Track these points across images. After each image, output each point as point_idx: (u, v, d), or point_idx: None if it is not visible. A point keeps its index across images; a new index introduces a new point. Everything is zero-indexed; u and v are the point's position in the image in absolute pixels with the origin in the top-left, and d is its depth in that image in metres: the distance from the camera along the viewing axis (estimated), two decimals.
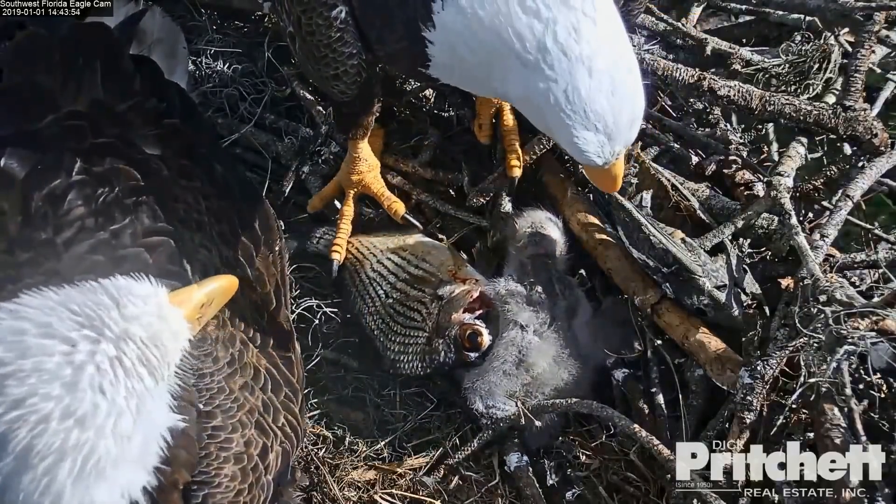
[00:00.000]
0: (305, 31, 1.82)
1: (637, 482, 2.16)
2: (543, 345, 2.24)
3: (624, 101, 1.54)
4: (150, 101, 1.93)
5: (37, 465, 1.23)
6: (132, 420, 1.30)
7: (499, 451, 2.27)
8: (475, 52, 1.62)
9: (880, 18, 2.31)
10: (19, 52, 1.86)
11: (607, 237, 2.32)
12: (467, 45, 1.61)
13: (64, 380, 1.24)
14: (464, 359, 2.27)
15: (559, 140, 1.63)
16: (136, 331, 1.30)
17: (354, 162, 2.41)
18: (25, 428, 1.22)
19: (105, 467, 1.27)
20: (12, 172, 1.67)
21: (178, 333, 1.38)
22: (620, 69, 1.54)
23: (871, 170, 2.16)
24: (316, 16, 1.78)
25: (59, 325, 1.26)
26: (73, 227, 1.64)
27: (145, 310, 1.33)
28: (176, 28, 2.47)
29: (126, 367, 1.29)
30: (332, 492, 2.19)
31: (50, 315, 1.27)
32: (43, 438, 1.22)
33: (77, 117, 1.79)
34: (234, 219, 1.95)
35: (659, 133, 2.50)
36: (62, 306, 1.28)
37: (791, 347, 1.89)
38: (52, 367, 1.24)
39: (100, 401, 1.26)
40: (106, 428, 1.26)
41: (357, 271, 2.44)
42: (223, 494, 1.63)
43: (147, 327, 1.32)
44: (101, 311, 1.29)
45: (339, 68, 1.82)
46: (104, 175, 1.73)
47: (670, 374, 2.19)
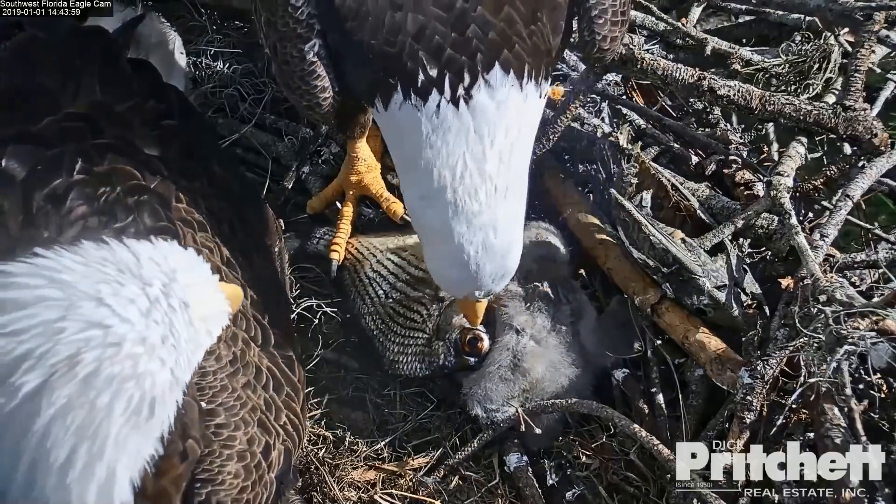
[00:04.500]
0: (280, 59, 1.82)
1: (637, 482, 2.16)
2: (541, 349, 2.24)
3: (494, 256, 1.76)
4: (149, 103, 1.93)
5: (96, 395, 1.25)
6: (187, 366, 1.36)
7: (499, 451, 2.27)
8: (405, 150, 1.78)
9: (880, 18, 2.31)
10: (18, 54, 1.86)
11: (607, 237, 2.32)
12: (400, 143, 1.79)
13: (141, 307, 1.29)
14: (463, 363, 2.27)
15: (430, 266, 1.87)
16: (195, 295, 1.38)
17: (353, 162, 2.41)
18: (96, 351, 1.24)
19: (154, 407, 1.31)
20: (13, 172, 1.67)
21: (222, 315, 1.48)
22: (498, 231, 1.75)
23: (871, 170, 2.16)
24: (290, 46, 1.78)
25: (135, 268, 1.33)
26: (75, 226, 1.63)
27: (205, 279, 1.43)
28: (173, 33, 2.47)
29: (189, 316, 1.35)
30: (332, 492, 2.19)
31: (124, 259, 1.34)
32: (113, 363, 1.25)
33: (76, 118, 1.79)
34: (234, 219, 1.95)
35: (659, 133, 2.51)
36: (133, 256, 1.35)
37: (791, 347, 1.89)
38: (129, 294, 1.29)
39: (167, 335, 1.32)
40: (168, 362, 1.31)
41: (357, 271, 2.44)
42: (227, 492, 1.63)
43: (203, 297, 1.40)
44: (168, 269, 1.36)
45: (312, 101, 1.82)
46: (105, 174, 1.72)
47: (670, 374, 2.19)
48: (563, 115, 2.33)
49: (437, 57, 1.67)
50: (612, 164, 2.38)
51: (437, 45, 1.67)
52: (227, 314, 1.50)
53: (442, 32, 1.67)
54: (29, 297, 1.27)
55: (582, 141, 2.49)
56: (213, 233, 1.85)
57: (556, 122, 2.33)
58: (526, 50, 1.71)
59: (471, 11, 1.67)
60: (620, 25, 1.85)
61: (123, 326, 1.27)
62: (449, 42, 1.67)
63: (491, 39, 1.68)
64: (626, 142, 2.33)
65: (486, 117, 1.69)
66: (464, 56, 1.67)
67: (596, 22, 1.81)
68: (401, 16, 1.67)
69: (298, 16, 1.74)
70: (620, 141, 2.34)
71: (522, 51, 1.70)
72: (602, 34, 1.82)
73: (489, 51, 1.68)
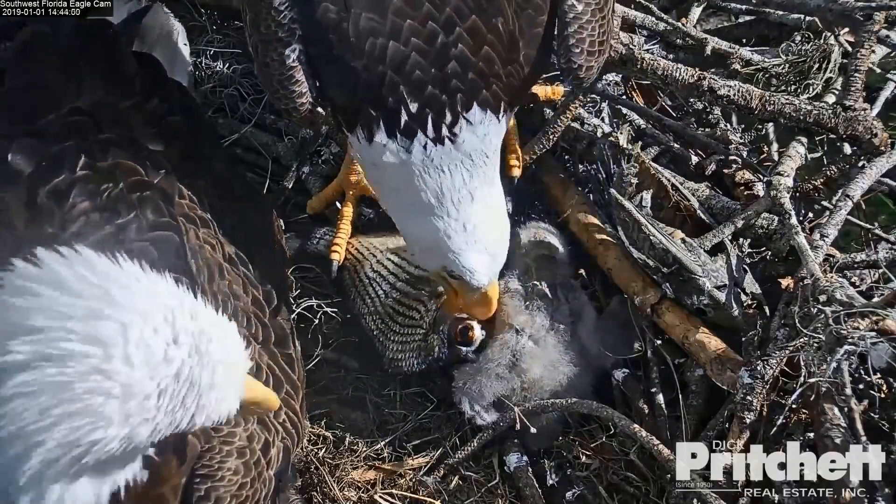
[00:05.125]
0: (261, 61, 1.84)
1: (637, 482, 2.16)
2: (539, 350, 2.24)
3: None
4: (152, 101, 1.93)
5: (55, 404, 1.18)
6: (155, 435, 1.27)
7: (499, 451, 2.27)
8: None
9: (880, 18, 2.31)
10: (22, 51, 1.87)
11: (607, 237, 2.32)
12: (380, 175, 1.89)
13: (153, 359, 1.22)
14: (457, 353, 2.27)
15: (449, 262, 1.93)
16: (218, 377, 1.30)
17: (354, 162, 2.41)
18: (82, 367, 1.17)
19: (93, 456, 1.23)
20: (18, 168, 1.68)
21: (234, 400, 1.38)
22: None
23: (871, 170, 2.16)
24: (271, 49, 1.79)
25: (177, 318, 1.26)
26: (78, 221, 1.64)
27: (234, 350, 1.35)
28: (178, 25, 2.45)
29: (198, 394, 1.28)
30: (332, 492, 2.20)
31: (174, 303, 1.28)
32: (86, 385, 1.18)
33: (80, 114, 1.80)
34: (235, 217, 1.96)
35: (659, 133, 2.51)
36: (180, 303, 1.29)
37: (791, 347, 1.89)
38: (153, 341, 1.22)
39: (161, 398, 1.24)
40: (134, 424, 1.22)
41: (357, 271, 2.44)
42: (226, 488, 1.64)
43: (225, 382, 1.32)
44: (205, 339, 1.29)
45: (289, 105, 1.84)
46: (108, 170, 1.73)
47: (670, 374, 2.19)
48: (563, 115, 2.34)
49: (419, 92, 1.73)
50: (612, 164, 2.38)
51: (418, 80, 1.72)
52: (238, 411, 1.40)
53: (423, 67, 1.71)
54: (76, 287, 1.21)
55: (582, 141, 2.49)
56: (215, 229, 1.86)
57: (556, 122, 2.33)
58: (502, 89, 1.79)
59: (451, 47, 1.72)
60: (598, 55, 1.91)
61: (122, 365, 1.19)
62: (429, 78, 1.72)
63: (471, 80, 1.75)
64: (626, 142, 2.33)
65: (472, 148, 1.80)
66: (444, 95, 1.74)
67: (573, 51, 1.86)
68: (381, 42, 1.71)
69: (281, 19, 1.76)
70: (620, 141, 2.34)
71: (499, 90, 1.79)
72: (578, 63, 1.88)
73: (469, 90, 1.75)
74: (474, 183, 1.83)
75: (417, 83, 1.72)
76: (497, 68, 1.77)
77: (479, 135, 1.79)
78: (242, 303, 1.81)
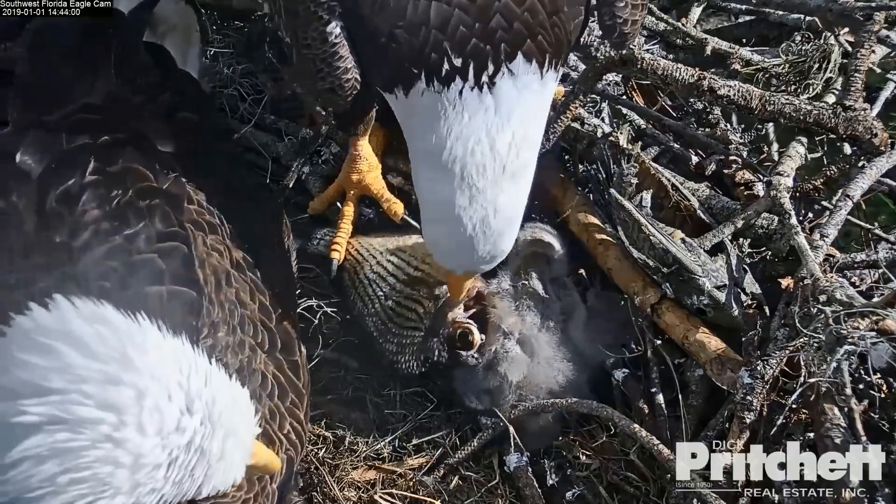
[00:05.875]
0: (301, 43, 1.82)
1: (637, 482, 2.16)
2: (527, 350, 2.26)
3: (490, 236, 1.81)
4: (164, 95, 1.92)
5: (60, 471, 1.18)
6: None
7: (499, 451, 2.27)
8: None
9: (880, 18, 2.31)
10: (34, 43, 1.85)
11: (607, 237, 2.31)
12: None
13: (165, 428, 1.22)
14: (457, 358, 2.27)
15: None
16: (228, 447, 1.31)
17: (355, 160, 2.40)
18: (94, 433, 1.18)
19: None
20: (27, 168, 1.67)
21: (241, 468, 1.39)
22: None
23: (871, 170, 2.16)
24: (311, 30, 1.78)
25: (192, 388, 1.27)
26: (87, 230, 1.62)
27: (244, 418, 1.35)
28: (191, 12, 2.41)
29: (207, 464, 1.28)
30: (332, 492, 2.20)
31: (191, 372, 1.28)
32: (96, 453, 1.18)
33: (91, 110, 1.78)
34: (244, 218, 1.95)
35: (659, 133, 2.51)
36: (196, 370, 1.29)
37: (791, 347, 1.89)
38: (167, 409, 1.23)
39: (170, 468, 1.25)
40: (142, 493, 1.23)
41: (356, 272, 2.44)
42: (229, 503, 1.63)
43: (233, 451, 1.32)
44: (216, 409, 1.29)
45: (335, 82, 1.81)
46: (118, 175, 1.72)
47: (670, 374, 2.19)
48: (563, 115, 2.33)
49: (462, 47, 1.69)
50: (612, 164, 2.38)
51: (462, 35, 1.69)
52: (244, 475, 1.41)
53: (467, 23, 1.69)
54: (95, 349, 1.21)
55: (582, 141, 2.49)
56: (223, 234, 1.85)
57: (556, 122, 2.33)
58: (547, 40, 1.74)
59: (495, 1, 1.69)
60: (641, 9, 1.87)
61: (135, 433, 1.19)
62: (474, 33, 1.69)
63: (515, 30, 1.70)
64: (626, 142, 2.33)
65: (507, 100, 1.72)
66: (488, 46, 1.69)
67: (617, 5, 1.83)
68: (423, 5, 1.68)
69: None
70: (620, 141, 2.34)
71: (544, 41, 1.74)
72: (623, 17, 1.84)
73: (513, 41, 1.71)
74: (500, 144, 1.74)
75: (461, 39, 1.69)
76: (542, 18, 1.73)
77: (518, 87, 1.72)
78: (249, 310, 1.80)
